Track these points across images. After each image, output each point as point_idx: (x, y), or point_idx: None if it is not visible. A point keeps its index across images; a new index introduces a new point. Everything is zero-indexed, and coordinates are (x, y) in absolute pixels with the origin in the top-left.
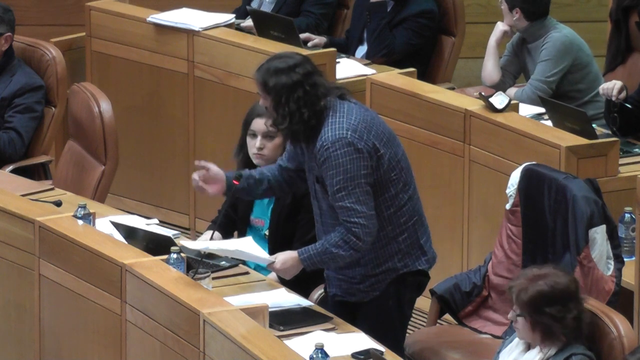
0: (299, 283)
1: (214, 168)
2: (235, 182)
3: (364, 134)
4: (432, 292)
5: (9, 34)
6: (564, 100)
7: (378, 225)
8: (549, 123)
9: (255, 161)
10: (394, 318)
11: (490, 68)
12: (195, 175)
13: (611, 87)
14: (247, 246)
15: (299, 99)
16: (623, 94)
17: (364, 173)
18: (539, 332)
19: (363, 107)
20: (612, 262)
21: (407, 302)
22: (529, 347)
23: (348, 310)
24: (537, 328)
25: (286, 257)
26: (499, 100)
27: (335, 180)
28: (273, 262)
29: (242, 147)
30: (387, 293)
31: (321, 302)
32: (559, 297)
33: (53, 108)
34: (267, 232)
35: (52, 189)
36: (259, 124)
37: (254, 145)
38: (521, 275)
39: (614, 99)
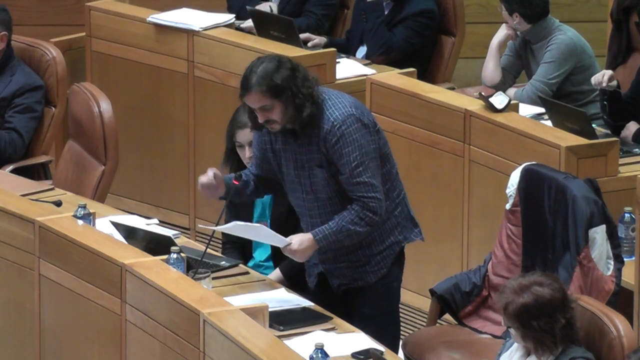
0: (299, 282)
1: (218, 174)
2: (235, 182)
3: (364, 110)
4: (432, 292)
5: (5, 32)
6: (567, 101)
7: None
8: (549, 123)
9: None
10: (396, 300)
11: (491, 69)
12: (204, 179)
13: (601, 75)
14: (263, 229)
15: (304, 80)
16: (614, 83)
17: (373, 147)
18: (530, 342)
19: None
20: (612, 262)
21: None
22: (529, 352)
23: (351, 297)
24: (527, 339)
25: (302, 239)
26: (499, 100)
27: (352, 157)
28: (289, 244)
29: (229, 158)
30: (392, 274)
31: (322, 300)
32: (544, 310)
33: (53, 108)
34: None
35: (52, 189)
36: (242, 135)
37: (244, 155)
38: (507, 287)
39: (604, 85)
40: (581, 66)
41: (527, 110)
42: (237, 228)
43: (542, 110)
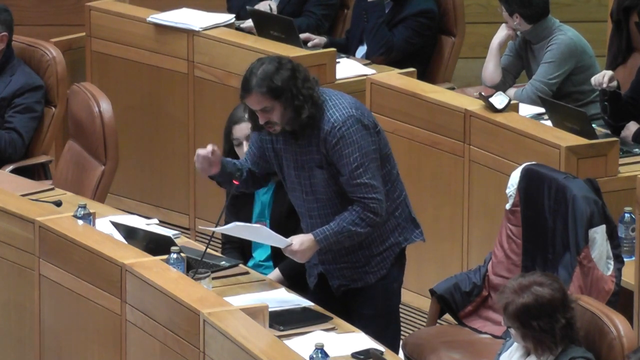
0: (299, 282)
1: (217, 151)
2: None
3: (364, 110)
4: (432, 292)
5: (5, 33)
6: (567, 101)
7: None
8: (549, 123)
9: None
10: (396, 300)
11: (492, 69)
12: (203, 151)
13: (601, 76)
14: (263, 229)
15: (305, 81)
16: (614, 83)
17: (373, 148)
18: (530, 342)
19: None
20: (612, 262)
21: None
22: (528, 351)
23: (350, 297)
24: (527, 339)
25: (303, 239)
26: (499, 100)
27: (352, 158)
28: (290, 245)
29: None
30: (391, 274)
31: (322, 301)
32: (544, 310)
33: (53, 108)
34: None
35: (52, 189)
36: (239, 130)
37: (242, 152)
38: (507, 287)
39: (604, 86)
40: (581, 66)
41: (527, 110)
42: (237, 229)
43: (542, 110)
